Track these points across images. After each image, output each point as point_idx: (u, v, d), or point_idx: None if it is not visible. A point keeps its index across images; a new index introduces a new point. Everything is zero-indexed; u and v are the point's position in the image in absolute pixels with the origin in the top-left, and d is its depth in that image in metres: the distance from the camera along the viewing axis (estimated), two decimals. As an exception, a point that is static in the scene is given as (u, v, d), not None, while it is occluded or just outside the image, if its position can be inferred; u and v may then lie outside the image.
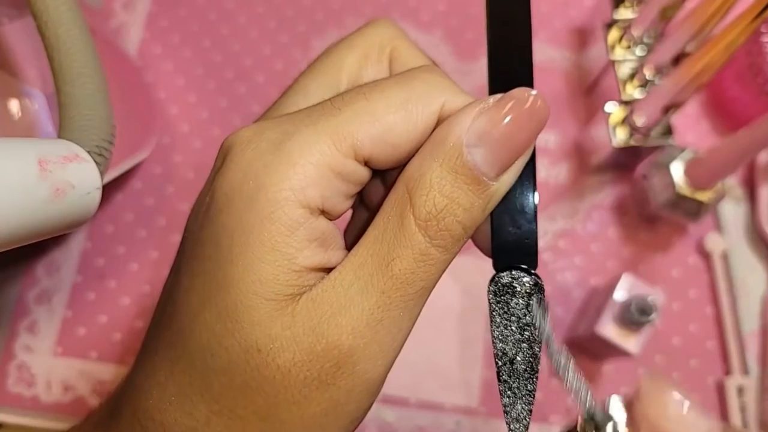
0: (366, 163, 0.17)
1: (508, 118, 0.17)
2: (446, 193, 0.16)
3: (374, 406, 0.39)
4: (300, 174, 0.16)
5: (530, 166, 0.18)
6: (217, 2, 0.48)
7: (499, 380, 0.18)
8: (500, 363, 0.18)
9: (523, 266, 0.18)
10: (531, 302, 0.18)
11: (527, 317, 0.18)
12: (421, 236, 0.16)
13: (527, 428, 0.18)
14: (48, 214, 0.19)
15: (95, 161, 0.21)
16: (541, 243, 0.43)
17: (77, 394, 0.39)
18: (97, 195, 0.21)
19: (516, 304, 0.18)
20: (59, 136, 0.22)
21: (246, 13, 0.47)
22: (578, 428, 0.18)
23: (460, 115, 0.17)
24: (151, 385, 0.17)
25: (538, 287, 0.18)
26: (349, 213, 0.23)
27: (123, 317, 0.41)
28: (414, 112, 0.17)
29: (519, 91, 0.17)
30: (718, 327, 0.41)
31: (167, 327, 0.18)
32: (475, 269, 0.42)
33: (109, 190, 0.43)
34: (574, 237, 0.43)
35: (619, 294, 0.36)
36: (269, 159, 0.16)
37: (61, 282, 0.41)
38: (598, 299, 0.39)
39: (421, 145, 0.18)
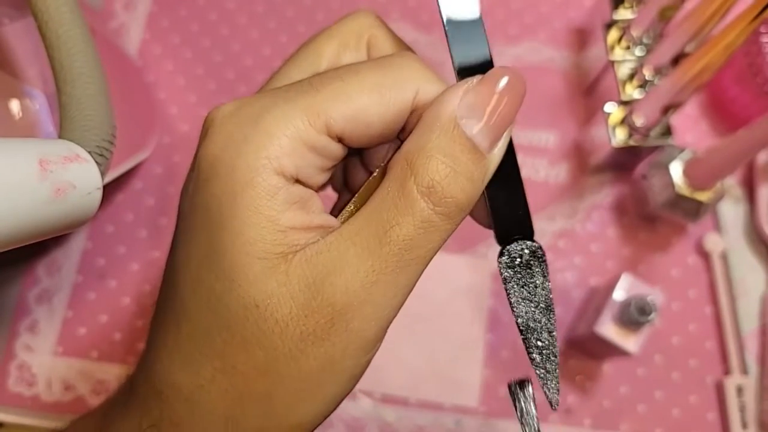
0: (340, 140, 0.18)
1: (493, 92, 0.18)
2: (448, 161, 0.17)
3: (374, 405, 0.39)
4: (275, 145, 0.17)
5: (510, 144, 0.20)
6: (218, 2, 0.48)
7: (528, 348, 0.20)
8: (525, 330, 0.20)
9: (523, 236, 0.20)
10: (541, 266, 0.20)
11: (538, 280, 0.20)
12: (424, 203, 0.17)
13: (558, 388, 0.20)
14: (49, 214, 0.19)
15: (96, 161, 0.21)
16: (541, 243, 0.43)
17: (77, 394, 0.39)
18: (98, 195, 0.21)
19: (528, 270, 0.20)
20: (60, 137, 0.22)
21: (246, 13, 0.47)
22: None
23: (447, 95, 0.18)
24: (161, 351, 0.19)
25: (540, 251, 0.20)
26: (335, 197, 0.25)
27: (123, 317, 0.41)
28: (387, 96, 0.18)
29: (498, 69, 0.18)
30: (718, 327, 0.41)
31: (172, 297, 0.19)
32: (473, 269, 0.42)
33: (109, 190, 0.43)
34: (573, 237, 0.43)
35: (619, 294, 0.36)
36: (248, 131, 0.18)
37: (61, 282, 0.41)
38: (597, 299, 0.39)
39: (394, 127, 0.19)
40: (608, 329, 0.36)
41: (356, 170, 0.23)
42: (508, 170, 0.20)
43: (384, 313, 0.18)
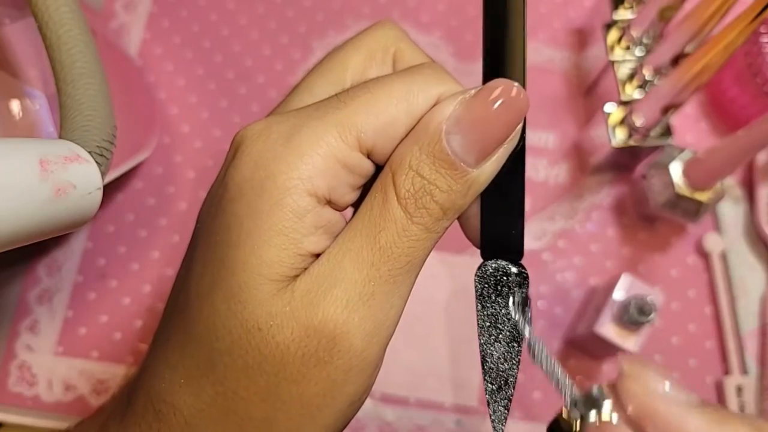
0: (369, 156, 0.18)
1: (485, 108, 0.17)
2: (424, 175, 0.17)
3: (374, 405, 0.39)
4: (308, 164, 0.17)
5: (519, 159, 0.19)
6: (218, 3, 0.48)
7: (483, 369, 0.19)
8: (482, 354, 0.19)
9: (509, 257, 0.19)
10: (512, 292, 0.19)
11: (504, 308, 0.19)
12: (402, 212, 0.17)
13: (505, 418, 0.19)
14: (49, 214, 0.19)
15: (96, 161, 0.22)
16: (541, 243, 0.43)
17: (78, 394, 0.39)
18: (98, 195, 0.21)
19: (500, 292, 0.19)
20: (60, 137, 0.22)
21: (246, 14, 0.48)
22: (563, 416, 0.18)
23: (443, 104, 0.18)
24: (163, 369, 0.18)
25: (521, 277, 0.19)
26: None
27: (124, 317, 0.41)
28: (414, 105, 0.18)
29: (499, 83, 0.18)
30: (717, 327, 0.41)
31: (179, 313, 0.18)
32: (473, 269, 0.42)
33: (109, 190, 0.43)
34: (573, 237, 0.43)
35: (619, 294, 0.36)
36: (279, 150, 0.17)
37: (62, 282, 0.41)
38: (597, 299, 0.39)
39: None
40: (608, 329, 0.36)
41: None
42: (508, 184, 0.19)
43: (383, 329, 0.18)
